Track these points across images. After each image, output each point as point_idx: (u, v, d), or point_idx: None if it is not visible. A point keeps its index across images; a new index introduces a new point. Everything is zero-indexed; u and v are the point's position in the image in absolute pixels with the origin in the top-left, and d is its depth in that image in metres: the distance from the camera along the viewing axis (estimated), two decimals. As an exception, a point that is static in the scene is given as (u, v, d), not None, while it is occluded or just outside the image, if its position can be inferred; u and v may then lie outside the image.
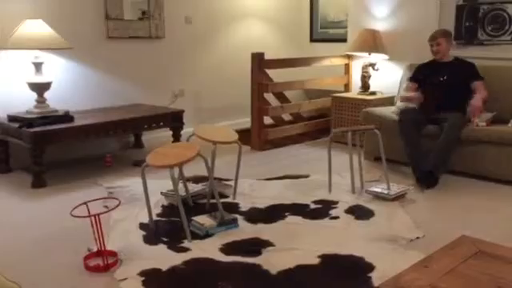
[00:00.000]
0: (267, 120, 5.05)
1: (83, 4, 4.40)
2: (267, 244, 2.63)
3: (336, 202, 3.30)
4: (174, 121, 4.44)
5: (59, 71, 4.30)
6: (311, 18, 6.52)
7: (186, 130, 4.74)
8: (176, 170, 2.86)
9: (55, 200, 3.40)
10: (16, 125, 3.70)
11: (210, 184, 3.01)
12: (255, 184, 3.70)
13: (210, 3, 5.49)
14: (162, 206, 3.21)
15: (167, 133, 4.64)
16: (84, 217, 2.37)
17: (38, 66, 3.91)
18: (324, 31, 6.44)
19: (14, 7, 3.97)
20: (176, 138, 4.49)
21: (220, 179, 3.76)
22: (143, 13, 4.84)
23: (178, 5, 5.15)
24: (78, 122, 3.86)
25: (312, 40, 6.58)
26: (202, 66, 5.50)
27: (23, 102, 4.03)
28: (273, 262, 2.42)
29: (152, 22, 4.92)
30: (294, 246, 2.62)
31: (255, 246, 2.60)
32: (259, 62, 4.65)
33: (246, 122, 5.24)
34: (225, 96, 5.70)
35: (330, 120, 5.19)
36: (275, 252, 2.54)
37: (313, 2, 6.47)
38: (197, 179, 3.74)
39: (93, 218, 2.36)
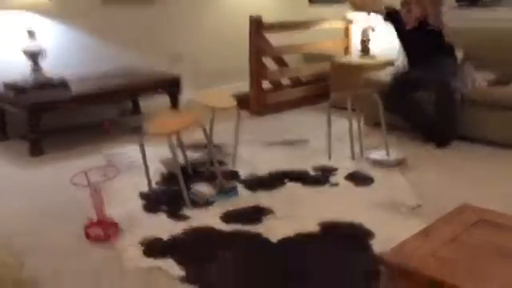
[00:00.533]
0: (266, 85, 4.99)
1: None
2: (267, 212, 2.63)
3: (336, 169, 3.28)
4: (171, 86, 4.38)
5: (54, 37, 4.20)
6: (310, -20, 6.33)
7: (184, 95, 4.70)
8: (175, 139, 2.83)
9: (54, 168, 3.39)
10: (12, 93, 3.65)
11: (209, 151, 2.99)
12: (254, 150, 3.68)
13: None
14: (162, 174, 3.20)
15: (165, 98, 4.57)
16: (83, 186, 2.35)
17: (31, 34, 3.82)
18: (324, -8, 6.27)
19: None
20: (174, 103, 4.43)
21: (219, 146, 3.73)
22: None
23: (173, -34, 4.99)
24: (73, 91, 3.81)
25: (311, 1, 6.41)
26: (199, 28, 5.37)
27: (19, 68, 3.94)
28: (273, 230, 2.42)
29: (146, -16, 4.78)
30: (294, 213, 2.62)
31: (255, 214, 2.60)
32: (257, 25, 4.55)
33: (244, 85, 5.15)
34: (223, 59, 5.59)
35: (330, 84, 5.13)
36: (275, 220, 2.55)
37: (313, -38, 6.27)
38: (196, 146, 3.71)
39: (92, 187, 2.34)
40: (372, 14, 4.53)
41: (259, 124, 4.53)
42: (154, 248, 2.27)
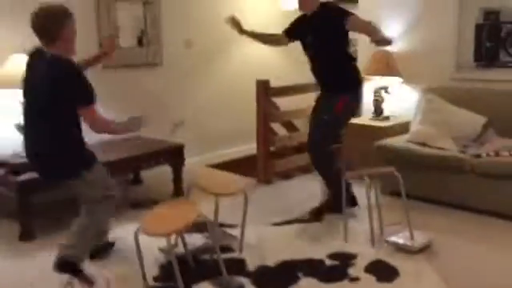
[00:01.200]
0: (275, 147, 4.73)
1: (74, 33, 4.10)
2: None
3: (354, 256, 2.96)
4: (173, 157, 4.12)
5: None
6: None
7: (188, 160, 4.43)
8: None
9: (44, 258, 3.07)
10: (1, 171, 3.40)
11: (213, 241, 2.68)
12: (263, 232, 3.37)
13: (213, 24, 5.15)
14: (161, 267, 2.88)
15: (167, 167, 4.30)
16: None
17: (25, 106, 3.60)
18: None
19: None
20: (177, 175, 4.16)
21: (224, 226, 3.42)
22: (139, 39, 4.54)
23: (176, 29, 4.84)
24: (69, 165, 3.55)
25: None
26: (203, 92, 5.18)
27: (12, 142, 3.71)
28: None
29: (149, 48, 4.62)
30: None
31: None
32: (264, 90, 4.33)
33: (251, 148, 4.88)
34: (228, 122, 5.38)
35: (342, 147, 4.84)
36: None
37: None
38: (199, 226, 3.40)
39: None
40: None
41: (267, 194, 4.23)
42: None
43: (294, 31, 3.62)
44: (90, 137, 3.71)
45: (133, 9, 4.46)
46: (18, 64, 3.50)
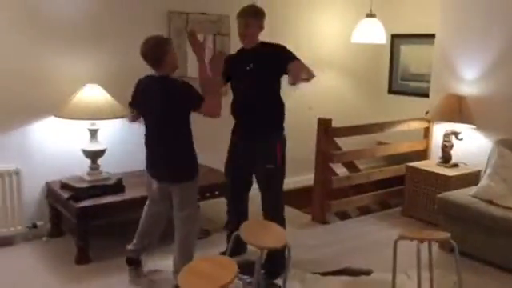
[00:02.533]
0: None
1: (144, 64, 4.25)
2: None
3: (399, 324, 2.82)
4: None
5: (114, 134, 4.17)
6: (391, 68, 6.01)
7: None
8: None
9: (98, 283, 3.23)
10: (65, 195, 3.60)
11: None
12: (309, 281, 3.30)
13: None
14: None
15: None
16: None
17: (93, 133, 3.80)
18: (405, 83, 5.91)
19: (73, 71, 3.90)
20: (231, 208, 4.19)
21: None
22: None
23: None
24: (128, 194, 3.71)
25: (391, 92, 6.06)
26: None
27: (79, 165, 3.91)
28: None
29: (218, 78, 4.69)
30: None
31: None
32: (326, 129, 4.25)
33: (309, 178, 4.80)
34: (290, 151, 5.33)
35: (404, 189, 4.66)
36: None
37: (393, 52, 5.96)
38: (244, 265, 3.39)
39: None
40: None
41: (320, 236, 4.15)
42: None
43: (230, 66, 3.37)
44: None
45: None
46: (89, 95, 3.71)
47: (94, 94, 3.72)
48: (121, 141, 4.19)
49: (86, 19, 3.92)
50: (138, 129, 4.27)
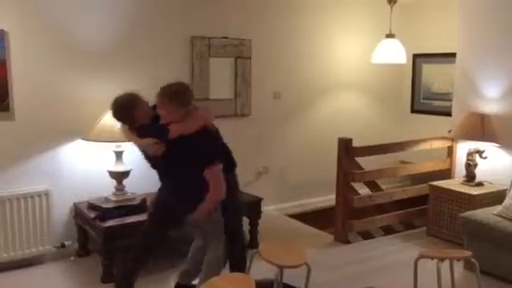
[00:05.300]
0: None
1: (169, 87, 4.40)
2: None
3: None
4: (251, 209, 4.20)
5: (138, 155, 4.27)
6: (413, 88, 6.01)
7: (268, 208, 4.52)
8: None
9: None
10: (92, 215, 3.71)
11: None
12: (330, 301, 3.30)
13: (302, 75, 5.27)
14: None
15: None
16: None
17: (118, 155, 3.93)
18: (427, 102, 5.90)
19: (99, 95, 4.05)
20: (253, 227, 4.23)
21: (289, 287, 3.39)
22: (231, 92, 4.75)
23: (266, 81, 5.00)
24: (152, 214, 3.78)
25: (413, 111, 6.05)
26: (288, 141, 5.26)
27: (105, 186, 4.03)
28: None
29: (239, 100, 4.80)
30: None
31: None
32: (346, 149, 4.27)
33: (331, 199, 4.81)
34: (311, 172, 5.39)
35: (428, 209, 4.61)
36: None
37: (415, 72, 5.97)
38: (262, 284, 3.40)
39: None
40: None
41: (342, 256, 4.13)
42: None
43: None
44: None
45: (225, 63, 4.68)
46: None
47: (119, 117, 3.85)
48: (144, 162, 4.30)
49: (113, 45, 4.09)
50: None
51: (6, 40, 3.61)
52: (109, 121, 3.81)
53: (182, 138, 2.82)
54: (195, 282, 3.22)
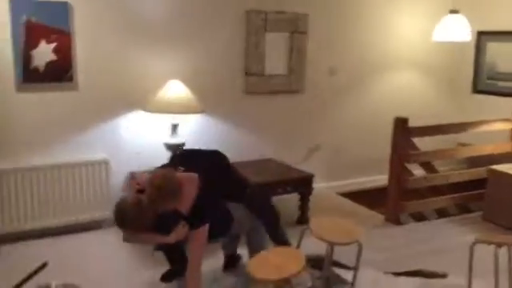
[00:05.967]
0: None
1: (223, 61, 4.43)
2: None
3: (473, 330, 2.73)
4: (302, 186, 4.21)
5: (195, 127, 4.38)
6: (476, 67, 5.74)
7: (319, 186, 4.51)
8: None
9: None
10: (148, 184, 3.83)
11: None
12: (380, 280, 3.28)
13: (358, 52, 5.15)
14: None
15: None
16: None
17: (174, 128, 4.02)
18: (491, 82, 5.62)
19: (158, 68, 4.14)
20: (303, 204, 4.25)
21: (339, 265, 3.39)
22: (285, 68, 4.72)
23: (321, 57, 4.92)
24: (204, 186, 3.87)
25: (475, 91, 5.79)
26: (342, 119, 5.19)
27: (160, 157, 4.14)
28: None
29: (293, 76, 4.77)
30: None
31: None
32: (402, 129, 4.17)
33: (383, 178, 4.73)
34: (363, 151, 5.31)
35: (485, 193, 4.45)
36: None
37: (479, 50, 5.69)
38: (314, 261, 3.41)
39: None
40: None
41: (394, 237, 4.09)
42: None
43: None
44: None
45: (280, 38, 4.64)
46: (173, 90, 3.93)
47: (176, 90, 3.94)
48: (197, 135, 4.39)
49: (171, 19, 4.15)
50: (215, 124, 4.48)
51: (70, 13, 3.74)
52: (167, 93, 3.91)
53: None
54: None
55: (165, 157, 4.05)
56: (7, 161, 3.69)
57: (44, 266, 3.41)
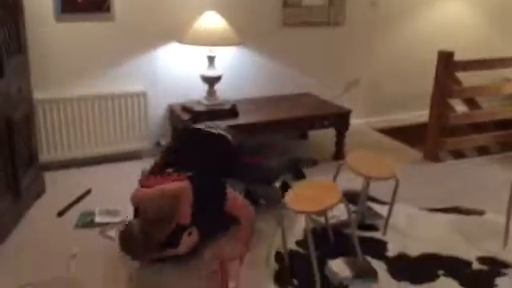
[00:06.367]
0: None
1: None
2: (404, 318, 2.30)
3: (509, 265, 2.72)
4: (339, 121, 4.17)
5: (231, 59, 4.33)
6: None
7: (356, 121, 4.45)
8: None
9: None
10: (185, 117, 3.88)
11: (351, 225, 2.73)
12: (415, 216, 3.28)
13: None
14: (304, 230, 3.05)
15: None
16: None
17: (211, 60, 3.98)
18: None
19: (195, -2, 4.06)
20: (340, 139, 4.22)
21: (374, 200, 3.40)
22: (324, -2, 4.54)
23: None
24: (242, 119, 3.88)
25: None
26: (382, 52, 5.02)
27: (197, 90, 4.16)
28: None
29: (332, 7, 4.59)
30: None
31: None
32: (447, 63, 4.00)
33: (423, 114, 4.60)
34: (403, 86, 5.16)
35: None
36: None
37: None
38: (350, 196, 3.43)
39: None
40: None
41: (431, 174, 4.04)
42: None
43: None
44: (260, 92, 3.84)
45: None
46: (209, 22, 3.85)
47: (212, 22, 3.86)
48: (235, 68, 4.35)
49: None
50: (251, 57, 4.41)
51: None
52: (203, 24, 3.84)
53: None
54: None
55: (201, 89, 4.07)
56: (48, 91, 3.77)
57: (88, 192, 3.58)
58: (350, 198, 3.20)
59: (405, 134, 4.79)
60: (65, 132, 3.86)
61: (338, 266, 2.60)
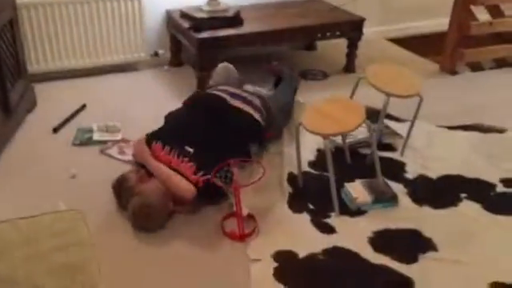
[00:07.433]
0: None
1: None
2: (427, 245, 2.18)
3: (534, 188, 2.59)
4: (351, 30, 3.83)
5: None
6: None
7: (369, 30, 4.11)
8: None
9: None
10: (185, 22, 3.54)
11: (372, 144, 2.53)
12: (433, 134, 3.09)
13: None
14: (318, 151, 2.86)
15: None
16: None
17: (212, -41, 3.56)
18: None
19: None
20: (351, 50, 3.91)
21: (392, 117, 3.20)
22: None
23: None
24: (246, 28, 3.55)
25: None
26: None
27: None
28: (427, 280, 2.00)
29: None
30: (461, 257, 2.13)
31: (411, 246, 2.17)
32: (473, -36, 3.60)
33: (442, 23, 4.25)
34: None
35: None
36: (434, 262, 2.10)
37: None
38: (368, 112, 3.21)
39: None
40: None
41: (449, 87, 3.80)
42: (286, 269, 2.04)
43: None
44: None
45: None
46: None
47: None
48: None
49: None
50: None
51: None
52: None
53: None
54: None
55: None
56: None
57: (83, 107, 3.34)
58: (367, 115, 2.99)
59: (420, 44, 4.47)
60: (54, 40, 3.53)
61: (356, 189, 2.45)
